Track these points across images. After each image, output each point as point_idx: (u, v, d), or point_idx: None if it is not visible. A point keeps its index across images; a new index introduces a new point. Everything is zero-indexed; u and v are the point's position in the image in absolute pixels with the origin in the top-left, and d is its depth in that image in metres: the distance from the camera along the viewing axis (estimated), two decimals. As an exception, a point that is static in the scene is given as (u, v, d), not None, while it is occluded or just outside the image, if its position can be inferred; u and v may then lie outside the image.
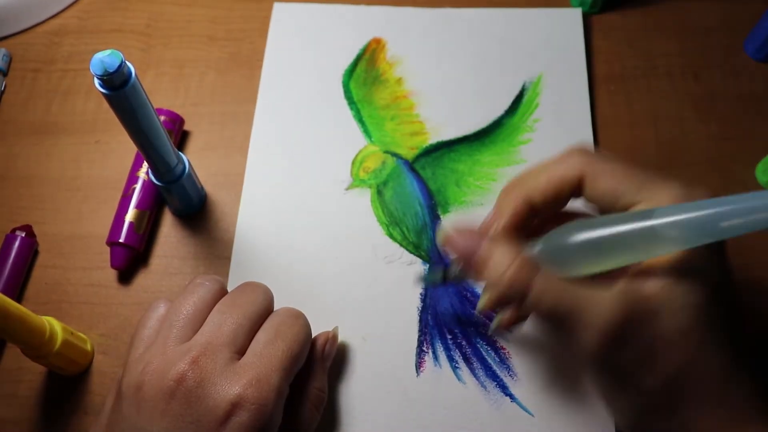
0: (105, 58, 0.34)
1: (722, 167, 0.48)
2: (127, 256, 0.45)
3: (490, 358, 0.42)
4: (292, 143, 0.50)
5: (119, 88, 0.35)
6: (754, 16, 0.52)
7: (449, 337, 0.43)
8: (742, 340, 0.32)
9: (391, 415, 0.41)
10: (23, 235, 0.46)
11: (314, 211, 0.47)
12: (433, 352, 0.43)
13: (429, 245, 0.46)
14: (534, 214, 0.35)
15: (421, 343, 0.43)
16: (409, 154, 0.49)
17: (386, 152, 0.49)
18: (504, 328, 0.38)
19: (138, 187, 0.47)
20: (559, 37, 0.53)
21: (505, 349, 0.43)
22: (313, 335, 0.40)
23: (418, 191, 0.48)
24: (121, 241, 0.45)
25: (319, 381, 0.39)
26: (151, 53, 0.54)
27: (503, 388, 0.41)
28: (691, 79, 0.52)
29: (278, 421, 0.34)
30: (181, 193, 0.45)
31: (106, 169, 0.50)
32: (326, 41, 0.54)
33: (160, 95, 0.52)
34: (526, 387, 0.42)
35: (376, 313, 0.44)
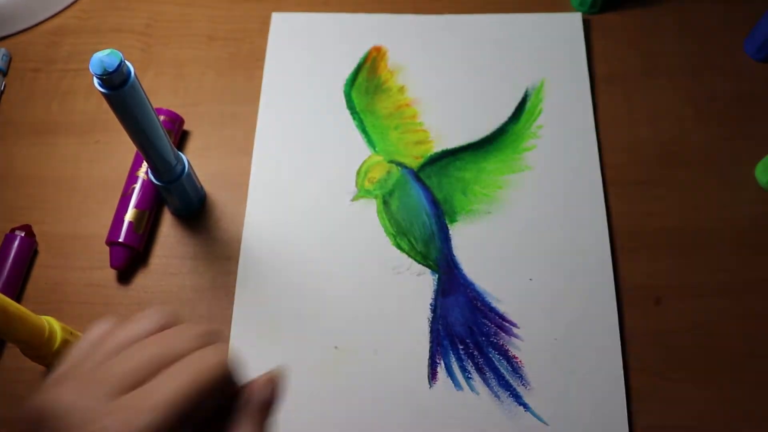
0: (104, 58, 0.34)
1: (722, 167, 0.48)
2: (127, 256, 0.45)
3: (503, 368, 0.42)
4: (295, 155, 0.49)
5: (119, 88, 0.35)
6: (754, 16, 0.52)
7: (461, 347, 0.43)
8: None
9: (405, 428, 0.41)
10: (23, 235, 0.46)
11: (320, 224, 0.47)
12: (446, 363, 0.42)
13: (437, 255, 0.45)
14: None
15: (434, 354, 0.43)
16: (414, 163, 0.49)
17: (391, 162, 0.49)
18: None
19: (137, 186, 0.47)
20: (560, 42, 0.53)
21: (517, 359, 0.42)
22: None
23: (424, 201, 0.47)
24: (120, 240, 0.45)
25: None
26: (151, 53, 0.54)
27: (517, 398, 0.41)
28: (691, 79, 0.52)
29: None
30: (181, 193, 0.45)
31: (106, 169, 0.50)
32: (326, 50, 0.53)
33: (160, 95, 0.52)
34: (539, 396, 0.41)
35: (386, 325, 0.43)
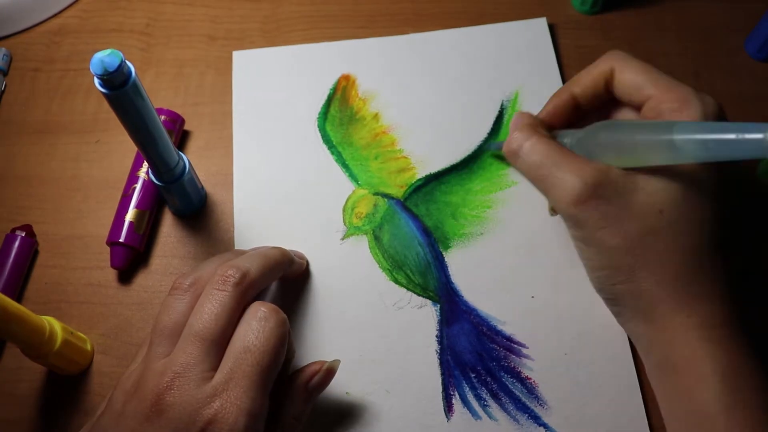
0: (105, 58, 0.34)
1: (722, 167, 0.48)
2: (127, 256, 0.45)
3: (518, 391, 0.41)
4: (275, 201, 0.47)
5: (119, 88, 0.35)
6: (755, 16, 0.52)
7: (473, 375, 0.42)
8: (734, 259, 0.36)
9: None
10: (23, 235, 0.46)
11: (312, 268, 0.45)
12: (460, 394, 0.41)
13: (436, 284, 0.44)
14: (577, 105, 0.40)
15: (446, 386, 0.42)
16: (399, 192, 0.47)
17: (376, 194, 0.47)
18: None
19: (138, 186, 0.47)
20: (529, 49, 0.52)
21: (531, 379, 0.42)
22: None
23: (415, 230, 0.46)
24: (121, 240, 0.45)
25: (297, 408, 0.37)
26: (151, 53, 0.54)
27: (536, 419, 0.41)
28: (691, 79, 0.52)
29: None
30: (181, 193, 0.45)
31: (106, 169, 0.50)
32: (294, 85, 0.51)
33: (160, 95, 0.52)
34: (558, 414, 0.41)
35: (394, 363, 0.42)
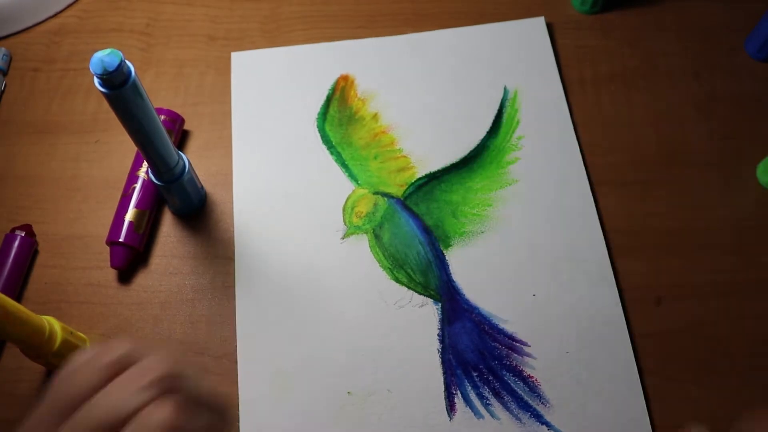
0: (105, 58, 0.34)
1: (722, 167, 0.48)
2: (127, 256, 0.45)
3: (520, 389, 0.41)
4: (276, 201, 0.47)
5: (119, 88, 0.35)
6: (754, 16, 0.52)
7: (475, 374, 0.42)
8: None
9: None
10: (23, 235, 0.46)
11: (312, 267, 0.45)
12: (462, 393, 0.41)
13: (437, 283, 0.44)
14: None
15: (449, 386, 0.42)
16: (400, 191, 0.47)
17: (376, 193, 0.47)
18: None
19: (138, 186, 0.47)
20: (527, 49, 0.52)
21: (533, 378, 0.42)
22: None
23: (415, 229, 0.46)
24: (120, 240, 0.45)
25: None
26: (151, 53, 0.54)
27: (538, 418, 0.41)
28: (691, 79, 0.52)
29: None
30: (181, 193, 0.45)
31: (106, 169, 0.50)
32: (293, 86, 0.51)
33: (160, 95, 0.52)
34: (560, 412, 0.41)
35: (396, 362, 0.42)
